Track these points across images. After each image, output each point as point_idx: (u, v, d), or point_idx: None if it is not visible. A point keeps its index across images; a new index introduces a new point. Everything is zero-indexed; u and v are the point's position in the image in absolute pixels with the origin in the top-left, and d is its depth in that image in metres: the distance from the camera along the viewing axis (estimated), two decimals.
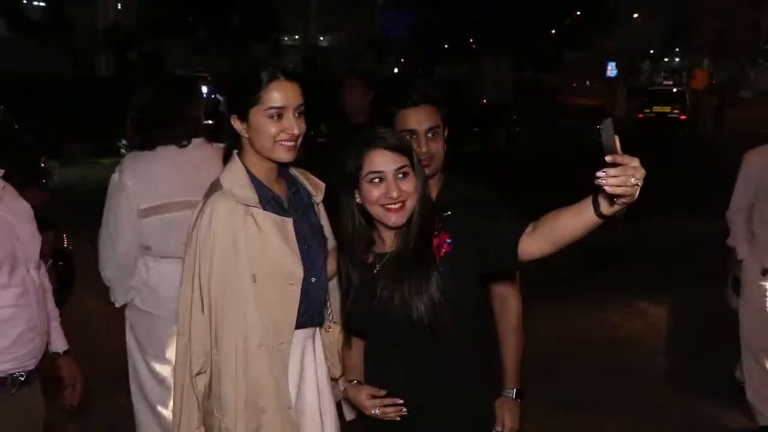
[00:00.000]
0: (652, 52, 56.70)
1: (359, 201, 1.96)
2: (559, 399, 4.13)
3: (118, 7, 27.24)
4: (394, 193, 1.90)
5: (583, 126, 17.57)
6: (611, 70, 39.40)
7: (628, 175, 1.49)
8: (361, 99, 4.51)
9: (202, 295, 1.99)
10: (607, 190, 1.52)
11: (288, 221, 2.03)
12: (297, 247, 2.02)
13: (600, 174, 1.51)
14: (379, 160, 1.92)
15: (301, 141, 2.02)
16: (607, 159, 1.51)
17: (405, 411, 1.95)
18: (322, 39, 41.04)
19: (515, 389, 2.35)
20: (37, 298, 2.23)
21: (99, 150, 13.66)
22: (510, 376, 2.35)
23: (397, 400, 1.96)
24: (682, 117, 23.06)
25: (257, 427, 2.00)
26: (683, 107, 23.22)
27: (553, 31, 34.79)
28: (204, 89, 11.93)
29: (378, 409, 1.98)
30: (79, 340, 2.76)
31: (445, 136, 2.38)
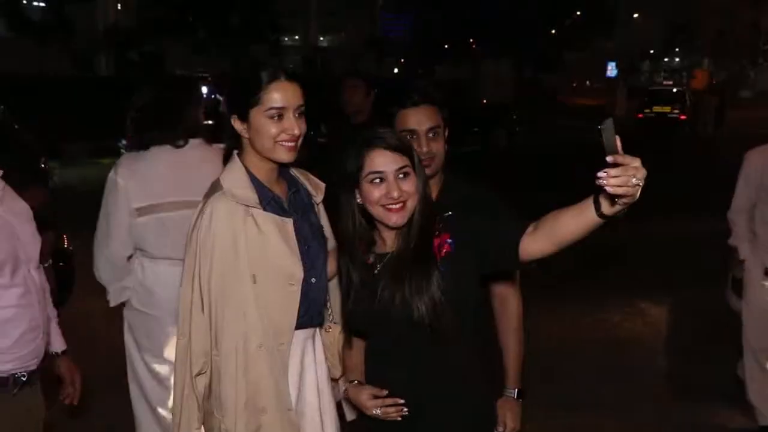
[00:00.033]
0: (652, 52, 56.74)
1: (360, 201, 1.96)
2: (559, 399, 4.12)
3: (118, 7, 27.27)
4: (395, 193, 1.90)
5: (583, 126, 17.61)
6: (611, 70, 39.42)
7: (629, 176, 1.49)
8: (362, 99, 4.50)
9: (202, 296, 1.98)
10: (608, 190, 1.52)
11: (288, 222, 2.03)
12: (297, 248, 2.02)
13: (601, 174, 1.51)
14: (380, 160, 1.92)
15: (301, 141, 2.02)
16: (608, 159, 1.50)
17: (406, 411, 1.95)
18: (322, 39, 41.07)
19: (516, 389, 2.35)
20: (38, 298, 2.23)
21: (99, 150, 13.65)
22: (511, 376, 2.35)
23: (399, 400, 1.95)
24: (682, 117, 23.05)
25: (257, 428, 2.00)
26: (683, 107, 23.22)
27: (553, 32, 34.80)
28: (204, 89, 11.94)
29: (379, 409, 1.97)
30: (78, 340, 2.76)
31: (446, 136, 2.37)
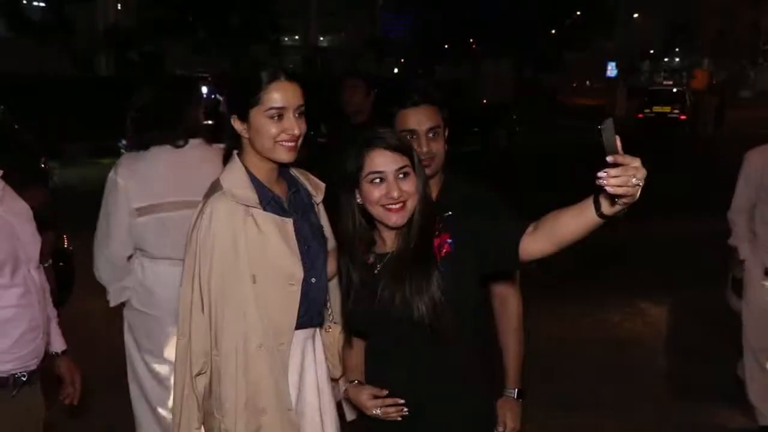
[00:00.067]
0: (652, 52, 56.74)
1: (360, 201, 1.96)
2: (559, 399, 4.12)
3: (118, 7, 27.27)
4: (395, 193, 1.90)
5: (583, 126, 17.61)
6: (611, 70, 39.41)
7: (630, 176, 1.49)
8: (362, 99, 4.50)
9: (202, 296, 1.98)
10: (609, 190, 1.52)
11: (288, 222, 2.03)
12: (297, 248, 2.02)
13: (601, 174, 1.51)
14: (380, 160, 1.91)
15: (301, 141, 2.02)
16: (608, 159, 1.50)
17: (406, 411, 1.95)
18: (322, 39, 41.08)
19: (517, 389, 2.34)
20: (38, 298, 2.23)
21: (99, 150, 13.65)
22: (511, 376, 2.35)
23: (399, 400, 1.95)
24: (682, 117, 23.04)
25: (257, 428, 2.00)
26: (683, 107, 23.21)
27: (553, 32, 34.80)
28: (204, 89, 11.94)
29: (379, 409, 1.97)
30: (78, 340, 2.76)
31: (446, 136, 2.37)
